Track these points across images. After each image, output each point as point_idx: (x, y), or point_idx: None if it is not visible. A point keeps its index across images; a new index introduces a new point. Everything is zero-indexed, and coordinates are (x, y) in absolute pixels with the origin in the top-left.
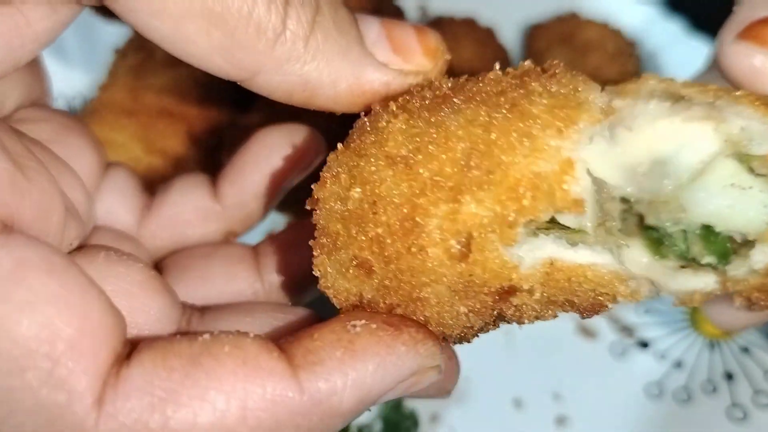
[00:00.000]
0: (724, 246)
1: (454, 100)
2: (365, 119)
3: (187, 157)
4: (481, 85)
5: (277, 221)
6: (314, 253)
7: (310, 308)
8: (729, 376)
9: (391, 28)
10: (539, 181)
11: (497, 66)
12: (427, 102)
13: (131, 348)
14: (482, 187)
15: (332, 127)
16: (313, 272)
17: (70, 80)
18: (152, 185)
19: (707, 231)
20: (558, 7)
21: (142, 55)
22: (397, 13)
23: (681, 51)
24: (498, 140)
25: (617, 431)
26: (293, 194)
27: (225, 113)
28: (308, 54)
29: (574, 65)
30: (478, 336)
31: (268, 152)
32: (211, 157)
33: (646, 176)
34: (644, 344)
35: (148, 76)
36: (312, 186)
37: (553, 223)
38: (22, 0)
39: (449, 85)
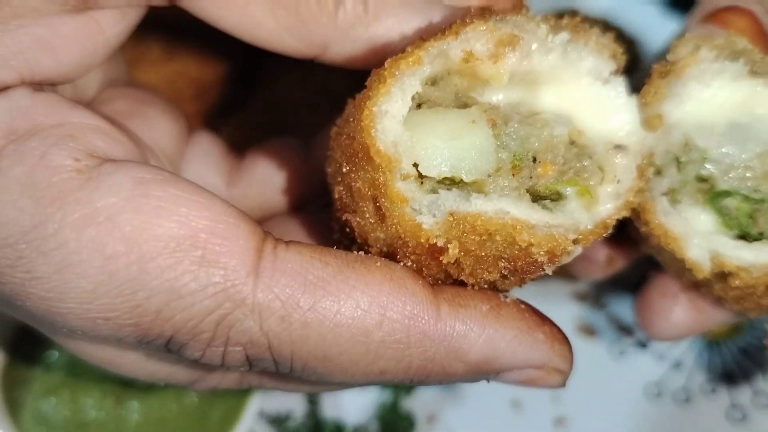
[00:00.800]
0: None
1: None
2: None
3: None
4: None
5: None
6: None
7: None
8: (728, 377)
9: None
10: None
11: None
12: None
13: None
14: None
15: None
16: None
17: None
18: None
19: None
20: (557, 3)
21: (136, 51)
22: None
23: None
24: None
25: None
26: None
27: (219, 110)
28: (370, 16)
29: None
30: None
31: None
32: None
33: (725, 137)
34: (643, 344)
35: (142, 73)
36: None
37: (450, 179)
38: (99, 4)
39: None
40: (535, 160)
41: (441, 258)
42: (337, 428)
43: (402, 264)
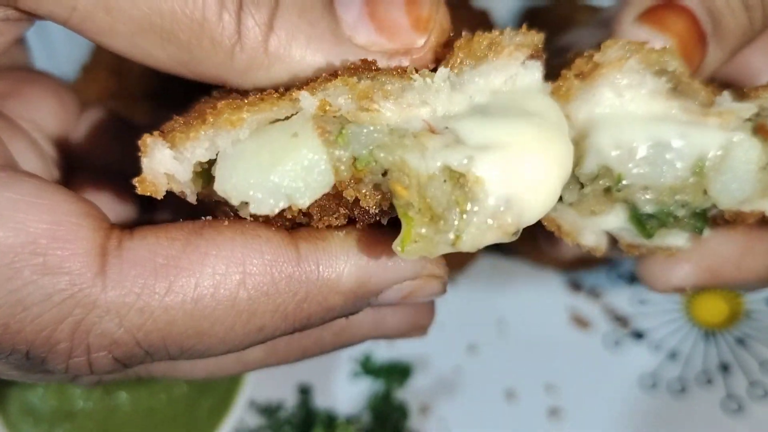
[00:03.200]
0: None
1: None
2: None
3: None
4: None
5: None
6: None
7: None
8: (724, 368)
9: (376, 3)
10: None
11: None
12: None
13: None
14: None
15: None
16: None
17: (53, 59)
18: None
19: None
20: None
21: None
22: None
23: None
24: None
25: (611, 423)
26: None
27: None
28: (270, 58)
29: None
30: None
31: None
32: None
33: (645, 159)
34: (639, 335)
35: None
36: None
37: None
38: None
39: None
40: (385, 173)
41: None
42: (329, 418)
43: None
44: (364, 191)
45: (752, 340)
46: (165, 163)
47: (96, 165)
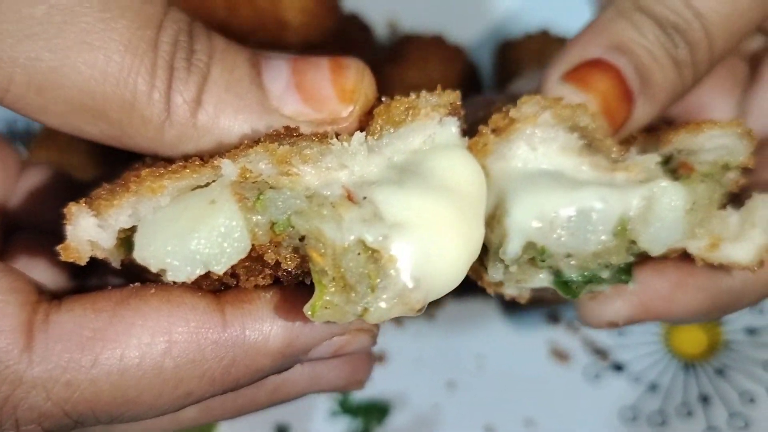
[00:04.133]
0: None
1: None
2: None
3: None
4: None
5: None
6: None
7: None
8: (704, 399)
9: (303, 74)
10: None
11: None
12: None
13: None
14: None
15: None
16: None
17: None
18: None
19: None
20: (528, 24)
21: None
22: (365, 30)
23: None
24: None
25: None
26: None
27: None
28: (199, 131)
29: None
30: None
31: None
32: None
33: (567, 229)
34: (619, 367)
35: None
36: None
37: None
38: None
39: None
40: (303, 239)
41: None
42: None
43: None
44: (284, 254)
45: (732, 371)
46: (89, 231)
47: (36, 225)
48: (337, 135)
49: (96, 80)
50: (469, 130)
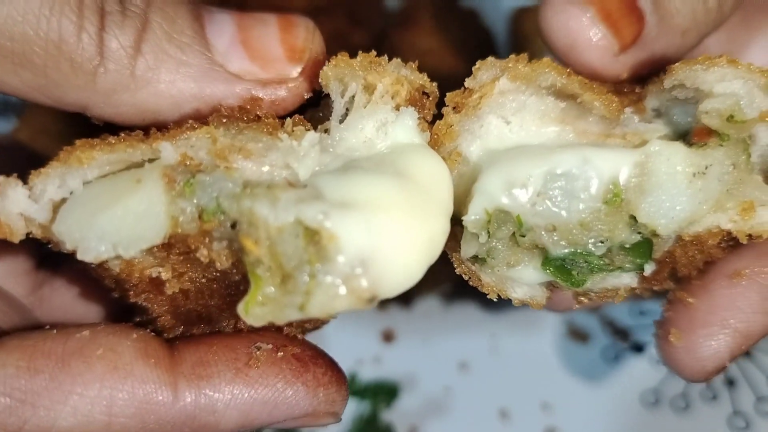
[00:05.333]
0: (650, 248)
1: None
2: None
3: None
4: None
5: None
6: None
7: None
8: (730, 383)
9: (249, 30)
10: None
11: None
12: None
13: None
14: None
15: None
16: None
17: None
18: None
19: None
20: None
21: None
22: None
23: None
24: None
25: None
26: None
27: None
28: (137, 81)
29: None
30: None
31: None
32: None
33: (543, 195)
34: (639, 348)
35: None
36: None
37: None
38: None
39: None
40: (234, 225)
41: (165, 289)
42: None
43: (139, 319)
44: (217, 249)
45: (760, 352)
46: (19, 203)
47: None
48: (293, 128)
49: (14, 19)
50: None
